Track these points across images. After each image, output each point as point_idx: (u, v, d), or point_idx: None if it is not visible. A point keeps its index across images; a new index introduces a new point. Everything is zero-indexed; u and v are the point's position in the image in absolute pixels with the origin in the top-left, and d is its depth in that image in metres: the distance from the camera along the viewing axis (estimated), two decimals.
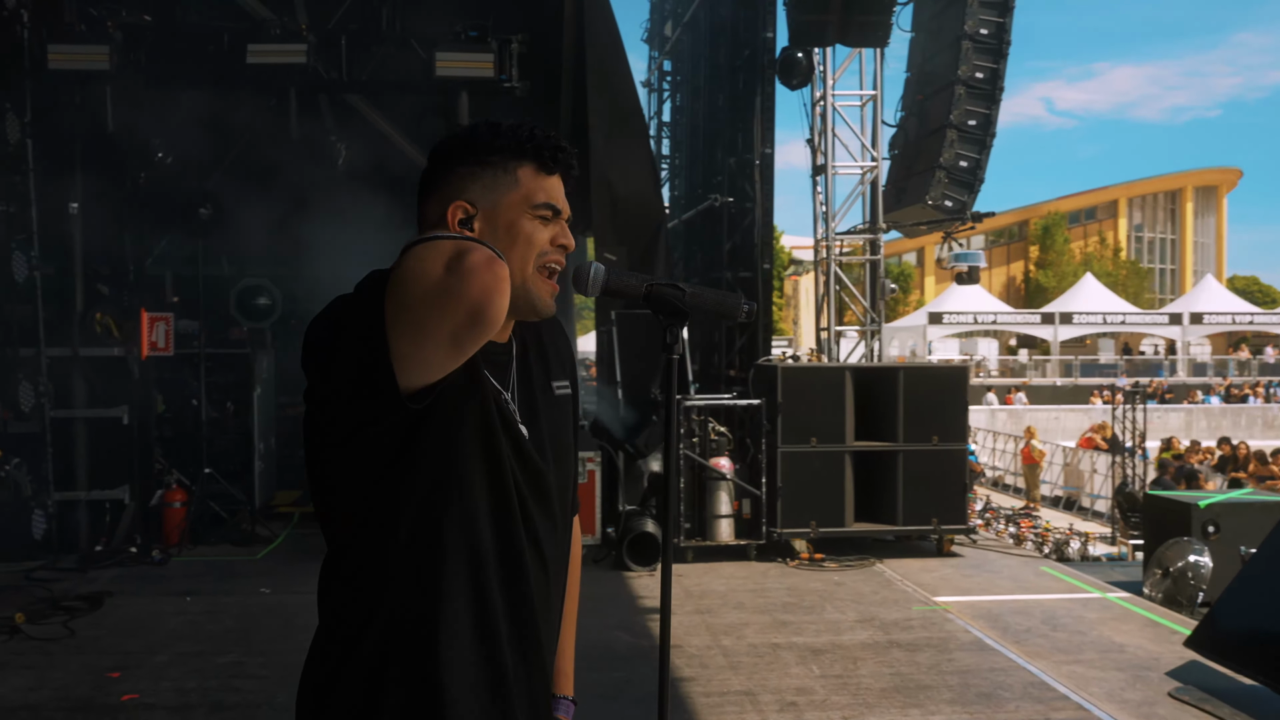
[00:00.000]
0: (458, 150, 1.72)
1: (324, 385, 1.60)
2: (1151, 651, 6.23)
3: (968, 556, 8.88)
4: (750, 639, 6.48)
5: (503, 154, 1.71)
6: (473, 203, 1.70)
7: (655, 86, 18.19)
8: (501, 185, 1.71)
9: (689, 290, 1.84)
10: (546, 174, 1.74)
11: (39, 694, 5.48)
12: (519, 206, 1.71)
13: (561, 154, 1.75)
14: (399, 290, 1.46)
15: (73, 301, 9.03)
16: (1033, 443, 19.36)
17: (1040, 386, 39.24)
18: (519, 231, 1.71)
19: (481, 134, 1.72)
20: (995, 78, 10.11)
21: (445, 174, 1.72)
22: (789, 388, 8.61)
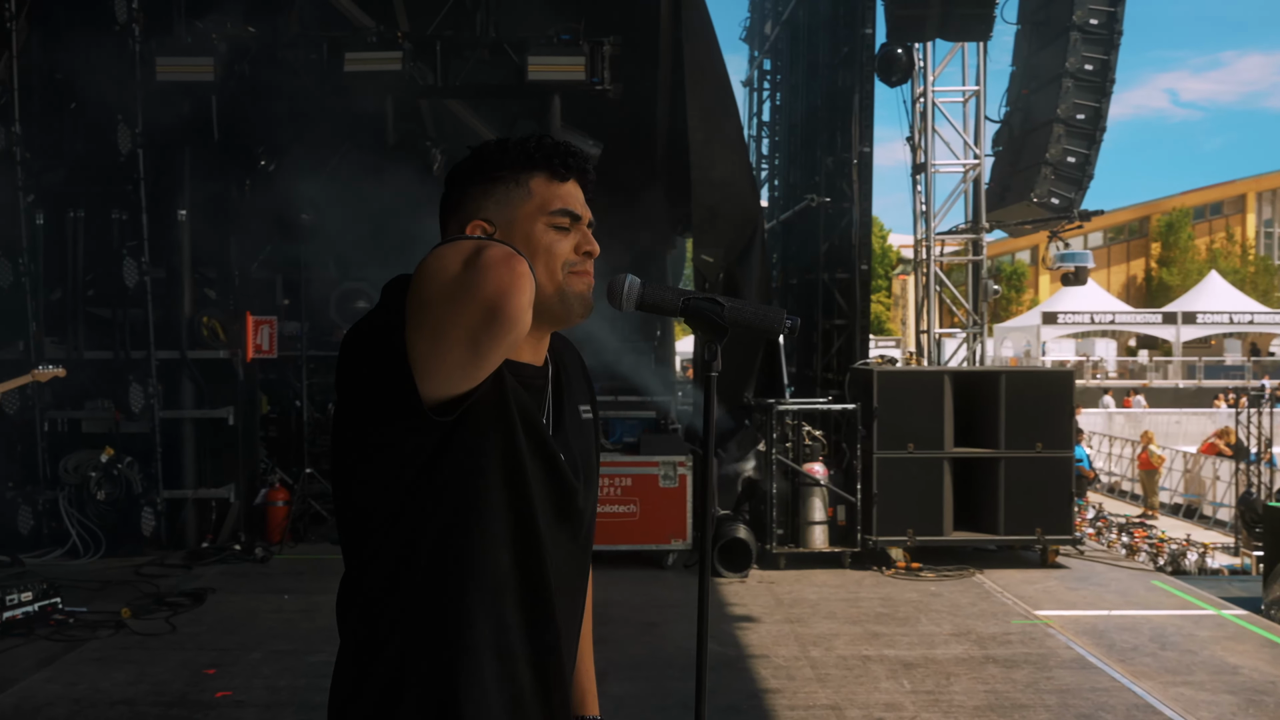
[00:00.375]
0: (469, 170, 1.70)
1: (350, 399, 1.57)
2: (1268, 674, 5.89)
3: (1073, 568, 8.54)
4: (840, 650, 6.33)
5: (512, 167, 1.68)
6: (489, 219, 1.67)
7: (755, 86, 18.04)
8: (515, 198, 1.67)
9: (728, 305, 1.75)
10: (560, 181, 1.70)
11: (137, 688, 5.64)
12: (534, 217, 1.67)
13: (573, 159, 1.70)
14: (418, 288, 1.43)
15: (181, 305, 9.31)
16: (1150, 448, 18.62)
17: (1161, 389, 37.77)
18: (537, 243, 1.66)
19: (490, 151, 1.70)
20: (1105, 69, 9.73)
21: (460, 196, 1.70)
22: (885, 392, 8.41)
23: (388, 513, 1.59)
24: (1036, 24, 10.41)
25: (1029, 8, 10.58)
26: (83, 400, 9.32)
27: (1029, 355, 40.57)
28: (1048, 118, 9.86)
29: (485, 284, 1.37)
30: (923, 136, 10.13)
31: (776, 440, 8.59)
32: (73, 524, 8.84)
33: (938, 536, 8.40)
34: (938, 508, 8.38)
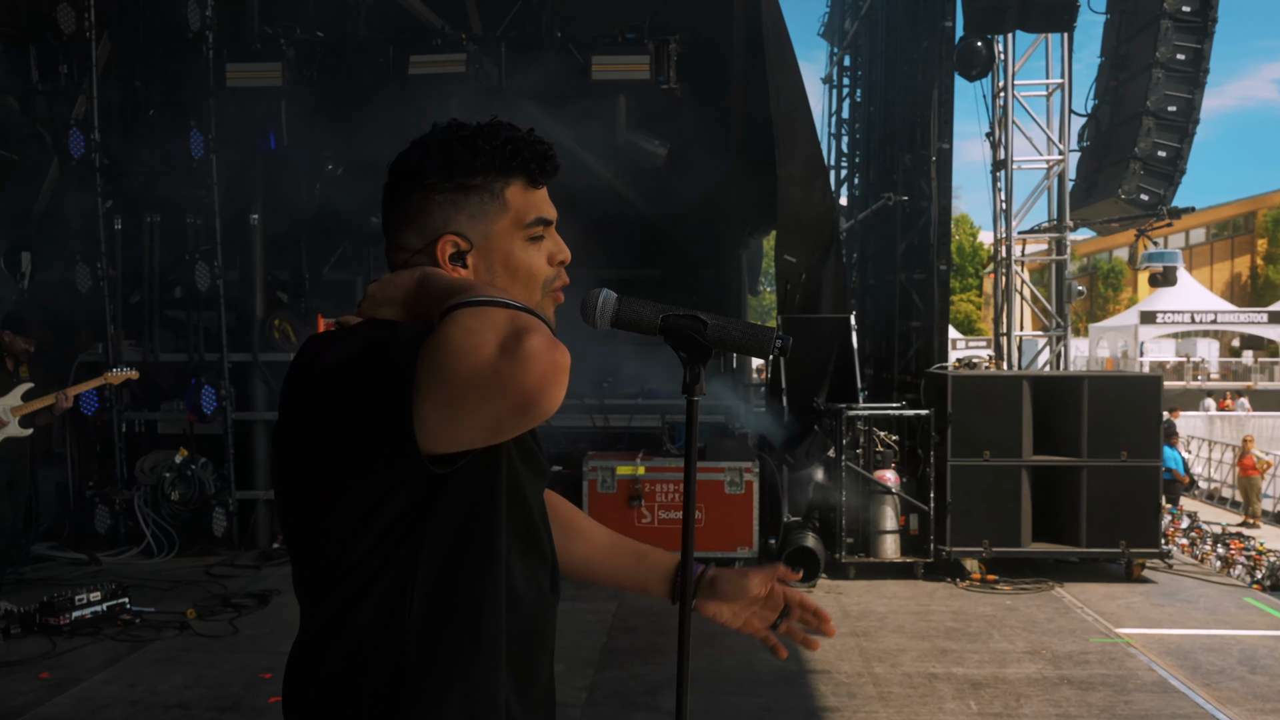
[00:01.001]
0: (434, 172, 1.51)
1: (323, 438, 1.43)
2: None
3: (1160, 583, 8.14)
4: (906, 667, 6.09)
5: (486, 174, 1.51)
6: (463, 235, 1.51)
7: (835, 82, 17.71)
8: (490, 212, 1.52)
9: (711, 323, 1.59)
10: (536, 188, 1.55)
11: (194, 692, 5.66)
12: (512, 233, 1.53)
13: (550, 161, 1.55)
14: (443, 362, 1.26)
15: (253, 308, 9.42)
16: (1254, 452, 17.81)
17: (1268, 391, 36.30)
18: (518, 265, 1.53)
19: (460, 154, 1.51)
20: (1199, 59, 9.27)
21: (422, 200, 1.52)
22: (960, 397, 8.11)
23: (376, 558, 1.44)
24: (1125, 12, 9.97)
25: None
26: (159, 402, 9.49)
27: (1125, 356, 39.33)
28: (1137, 110, 9.43)
29: (525, 378, 1.22)
30: (1003, 132, 9.76)
31: (847, 446, 8.35)
32: (147, 524, 9.00)
33: (1015, 548, 8.07)
34: (1015, 518, 8.05)
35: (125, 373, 7.47)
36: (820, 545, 8.11)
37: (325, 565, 1.49)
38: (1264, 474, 18.14)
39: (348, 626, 1.47)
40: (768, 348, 1.60)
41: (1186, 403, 29.77)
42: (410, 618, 1.43)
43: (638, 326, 1.61)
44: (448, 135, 1.53)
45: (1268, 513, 18.01)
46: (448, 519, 1.43)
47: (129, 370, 7.50)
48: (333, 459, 1.43)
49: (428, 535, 1.43)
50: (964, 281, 52.12)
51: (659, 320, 1.59)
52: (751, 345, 1.60)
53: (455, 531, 1.44)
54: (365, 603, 1.45)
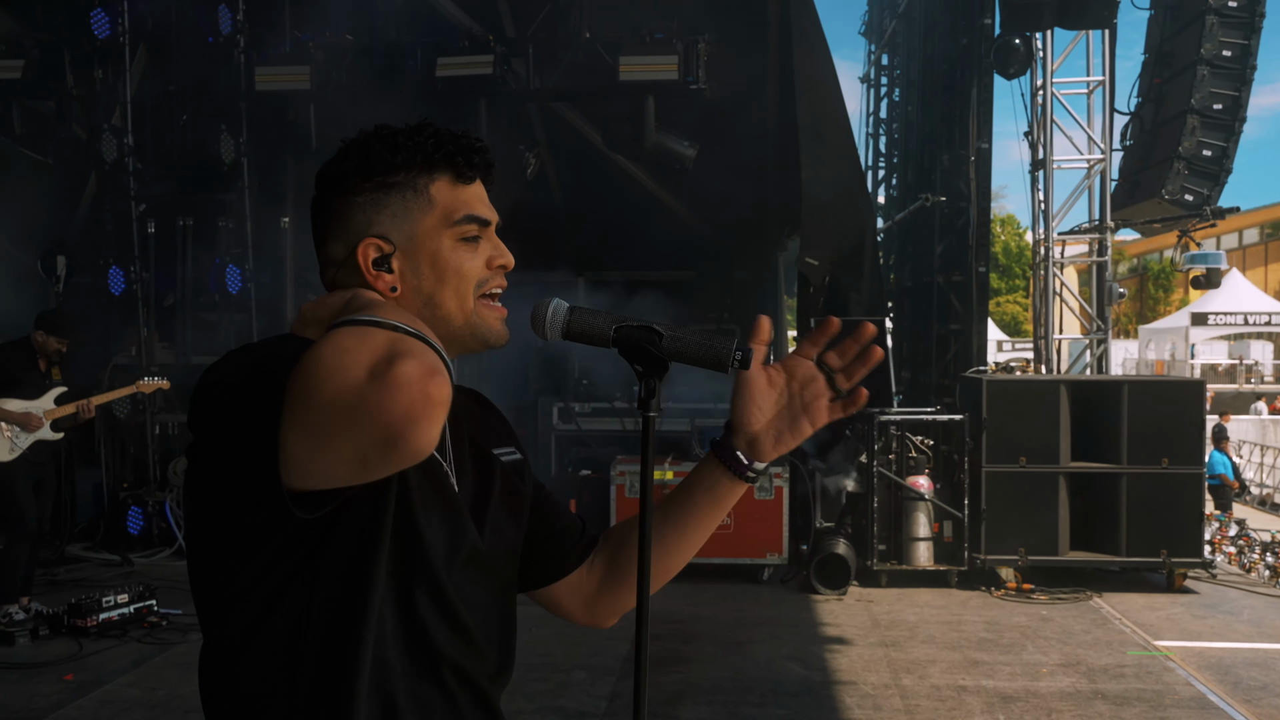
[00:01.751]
0: (352, 174, 1.41)
1: (203, 459, 1.31)
2: None
3: (1203, 594, 7.92)
4: (934, 679, 5.94)
5: (408, 170, 1.40)
6: (385, 236, 1.39)
7: (873, 81, 17.51)
8: (414, 210, 1.40)
9: (667, 334, 1.49)
10: (465, 183, 1.43)
11: None
12: (439, 231, 1.41)
13: (478, 155, 1.43)
14: (305, 382, 1.11)
15: (284, 311, 9.45)
16: None
17: None
18: (445, 264, 1.41)
19: (377, 150, 1.41)
20: (1245, 55, 9.01)
21: (343, 205, 1.42)
22: (995, 402, 7.93)
23: (251, 598, 1.32)
24: (1169, 8, 9.71)
25: None
26: None
27: (1175, 359, 38.59)
28: (1181, 109, 9.18)
29: (392, 407, 1.06)
30: (1042, 131, 9.55)
31: (879, 451, 8.21)
32: (179, 526, 9.05)
33: (1052, 556, 7.88)
34: (1052, 526, 7.87)
35: (157, 382, 7.50)
36: (851, 552, 7.98)
37: (201, 610, 1.39)
38: None
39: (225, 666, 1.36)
40: (726, 360, 1.50)
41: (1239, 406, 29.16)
42: (262, 674, 1.32)
43: (590, 339, 1.51)
44: (367, 137, 1.43)
45: None
46: (314, 576, 1.30)
47: (161, 380, 7.53)
48: (206, 488, 1.32)
49: (292, 591, 1.30)
50: (1010, 283, 51.46)
51: (611, 331, 1.49)
52: (709, 358, 1.50)
53: (320, 590, 1.30)
54: (233, 655, 1.35)
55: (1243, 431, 23.84)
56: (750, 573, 8.20)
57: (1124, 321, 54.47)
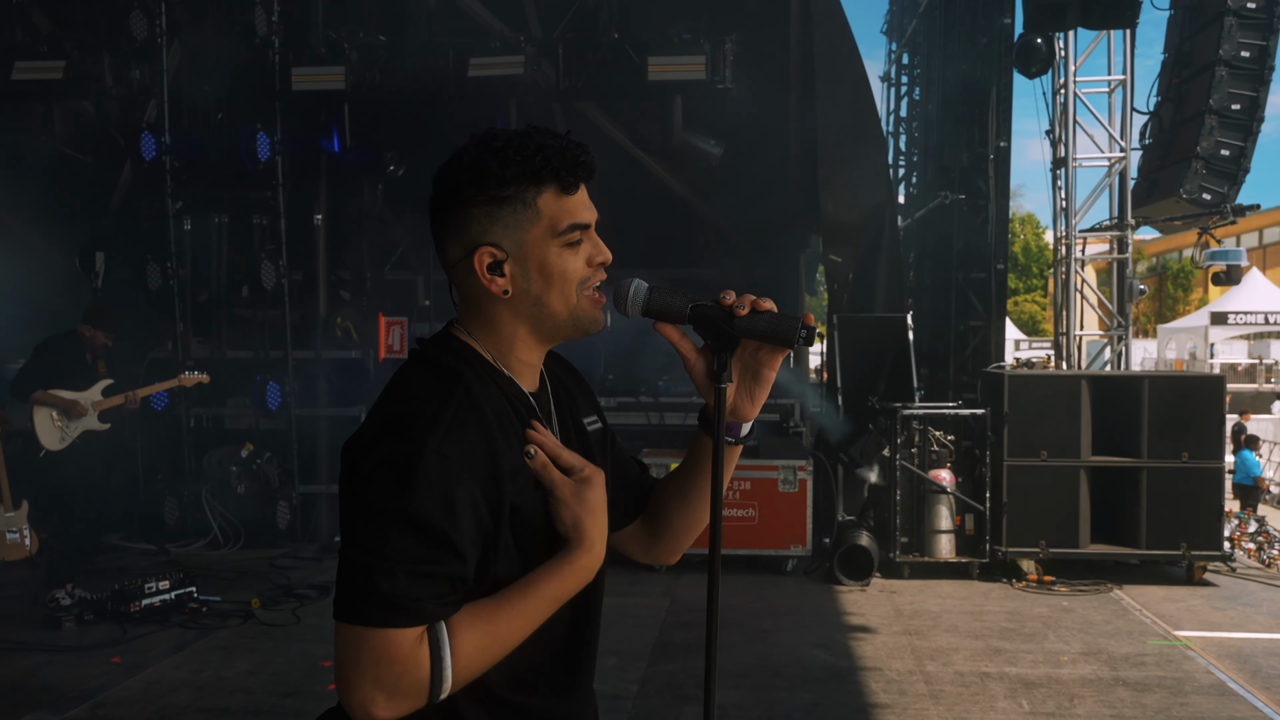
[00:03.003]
0: (467, 186, 1.56)
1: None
2: None
3: (1222, 586, 8.02)
4: (958, 666, 6.08)
5: (518, 184, 1.55)
6: (498, 245, 1.56)
7: (894, 80, 17.62)
8: (524, 221, 1.56)
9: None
10: (569, 193, 1.59)
11: (257, 678, 5.83)
12: (546, 240, 1.57)
13: (580, 167, 1.58)
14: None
15: (316, 307, 9.63)
16: None
17: None
18: (552, 269, 1.58)
19: (490, 167, 1.55)
20: (1264, 56, 9.09)
21: (460, 213, 1.58)
22: (1017, 397, 8.06)
23: None
24: (1189, 8, 9.81)
25: None
26: (225, 398, 9.73)
27: (1194, 358, 38.46)
28: (1200, 108, 9.27)
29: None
30: (1063, 130, 9.66)
31: (902, 445, 8.33)
32: (214, 516, 9.24)
33: (1073, 549, 8.00)
34: (1073, 519, 7.98)
35: (197, 376, 7.68)
36: (874, 544, 8.11)
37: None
38: None
39: None
40: (793, 337, 1.64)
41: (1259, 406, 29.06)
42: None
43: (667, 315, 1.66)
44: (479, 149, 1.57)
45: None
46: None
47: (201, 374, 7.70)
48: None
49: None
50: (1028, 282, 51.33)
51: (688, 309, 1.64)
52: (777, 334, 1.65)
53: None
54: None
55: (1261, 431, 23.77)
56: (775, 564, 8.34)
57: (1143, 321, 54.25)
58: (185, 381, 7.67)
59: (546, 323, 1.61)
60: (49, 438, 7.20)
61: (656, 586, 7.86)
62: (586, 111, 9.01)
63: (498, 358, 1.61)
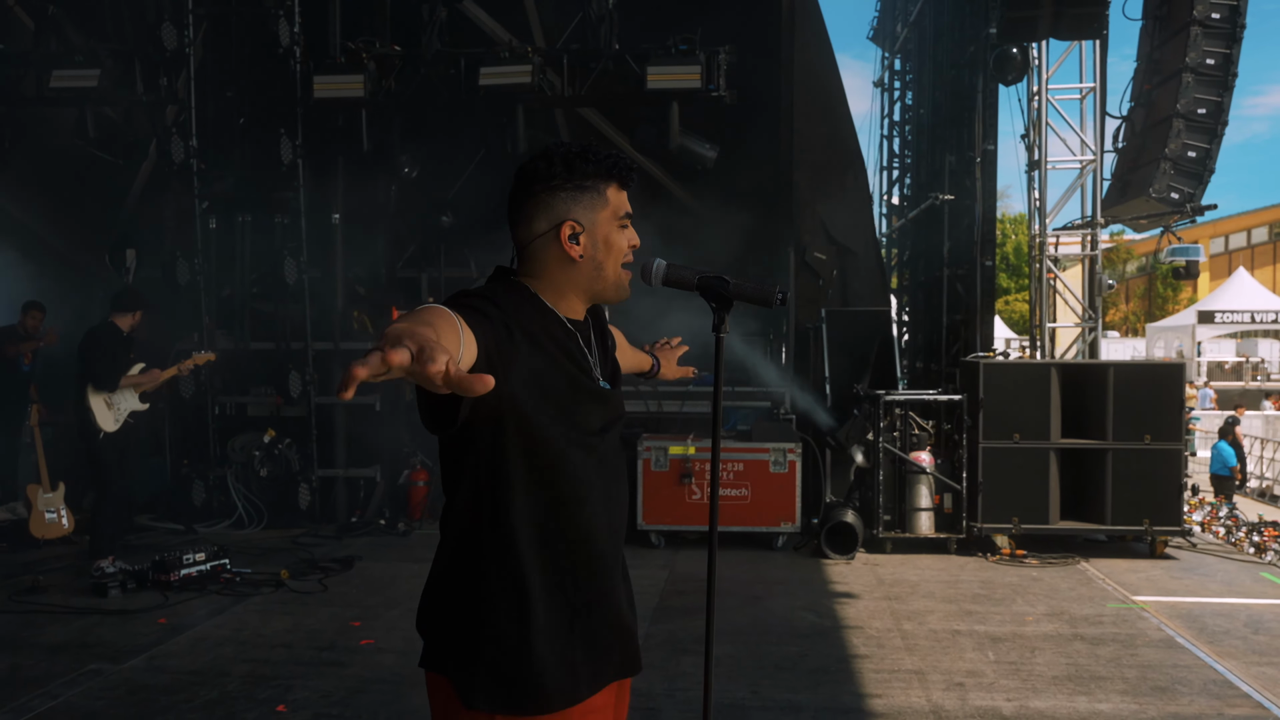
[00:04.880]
0: (559, 175, 2.11)
1: None
2: None
3: (1182, 559, 8.62)
4: (932, 625, 6.66)
5: (595, 178, 2.13)
6: (579, 221, 2.12)
7: (886, 85, 18.19)
8: (597, 205, 2.13)
9: (733, 281, 2.24)
10: (625, 189, 2.18)
11: (294, 635, 6.40)
12: (610, 221, 2.15)
13: (634, 172, 2.18)
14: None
15: (334, 301, 10.19)
16: None
17: None
18: (611, 244, 2.16)
19: (578, 163, 2.11)
20: (1228, 63, 9.67)
21: (548, 196, 2.12)
22: (992, 383, 8.64)
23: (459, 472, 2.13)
24: (1159, 18, 10.39)
25: (1152, 2, 10.58)
26: (249, 386, 10.29)
27: (1182, 356, 39.07)
28: (1168, 113, 9.86)
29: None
30: (1037, 134, 10.26)
31: (885, 429, 8.91)
32: (239, 498, 9.81)
33: (1043, 525, 8.59)
34: (1043, 497, 8.57)
35: (205, 354, 8.21)
36: (859, 521, 8.69)
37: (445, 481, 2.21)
38: None
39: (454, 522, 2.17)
40: (772, 299, 2.24)
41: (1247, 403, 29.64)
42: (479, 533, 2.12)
43: (681, 284, 2.26)
44: (566, 149, 2.14)
45: None
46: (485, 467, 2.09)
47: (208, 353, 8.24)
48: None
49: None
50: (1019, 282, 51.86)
51: (696, 280, 2.24)
52: (760, 297, 2.24)
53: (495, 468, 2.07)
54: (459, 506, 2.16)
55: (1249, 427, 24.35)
56: (766, 540, 8.92)
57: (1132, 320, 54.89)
58: (195, 360, 8.20)
59: (598, 283, 2.17)
60: (106, 421, 7.71)
61: (656, 560, 8.43)
62: (589, 117, 9.59)
63: (551, 303, 2.17)
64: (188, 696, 5.31)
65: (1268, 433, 24.52)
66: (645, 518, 8.86)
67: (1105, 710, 5.15)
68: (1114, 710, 5.15)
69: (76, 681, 5.51)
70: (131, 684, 5.50)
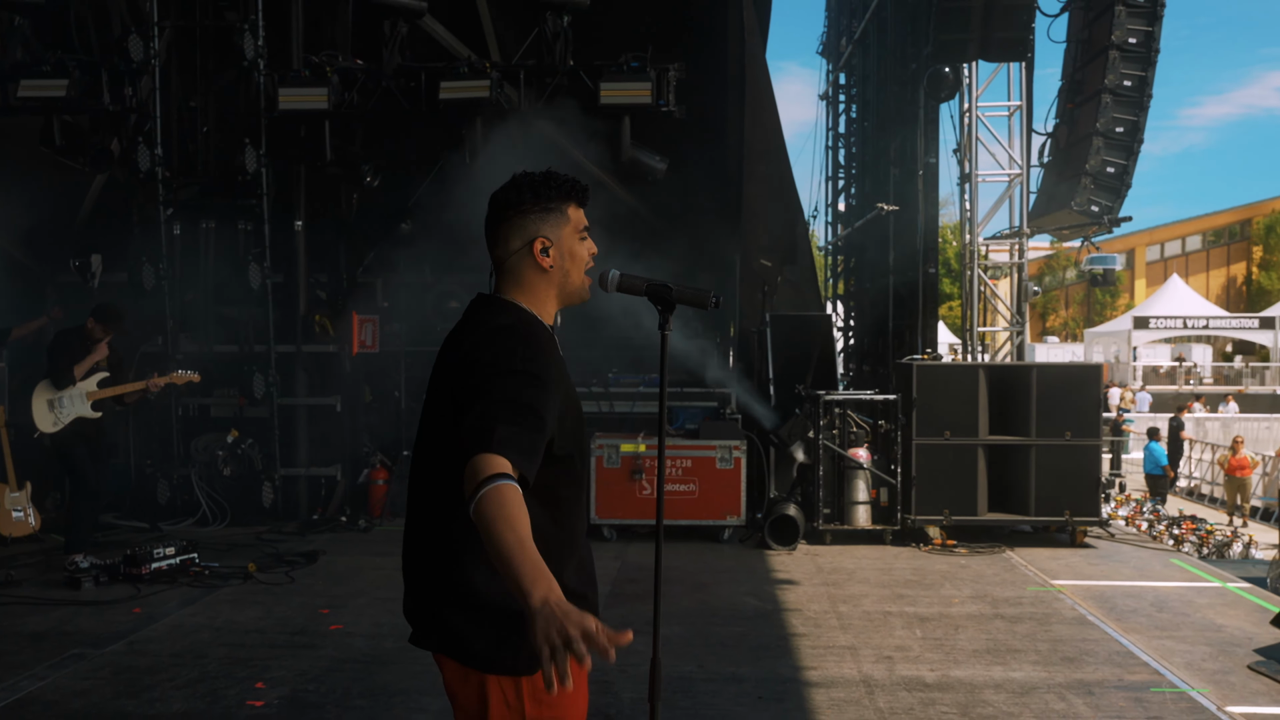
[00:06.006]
0: (527, 199, 2.52)
1: None
2: (1249, 632, 6.56)
3: (1100, 548, 9.22)
4: (865, 607, 7.17)
5: (558, 199, 2.53)
6: (547, 236, 2.53)
7: (831, 98, 18.83)
8: (561, 222, 2.54)
9: (675, 287, 2.68)
10: (582, 207, 2.60)
11: (266, 622, 6.76)
12: (572, 235, 2.56)
13: (587, 193, 2.61)
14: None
15: (297, 305, 10.52)
16: (1243, 451, 18.42)
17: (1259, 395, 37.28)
18: (574, 254, 2.57)
19: (543, 189, 2.52)
20: (1143, 85, 10.36)
21: (519, 218, 2.52)
22: (924, 384, 9.20)
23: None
24: (1081, 42, 11.07)
25: (1075, 27, 11.25)
26: (212, 388, 10.57)
27: (1118, 361, 40.33)
28: (1089, 131, 10.52)
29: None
30: (968, 149, 10.87)
31: (825, 428, 9.43)
32: (203, 496, 10.10)
33: (972, 516, 9.16)
34: (972, 490, 9.14)
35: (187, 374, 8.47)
36: (800, 514, 9.19)
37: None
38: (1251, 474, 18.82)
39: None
40: (706, 302, 2.69)
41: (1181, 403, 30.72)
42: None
43: (633, 290, 2.70)
44: (532, 178, 2.55)
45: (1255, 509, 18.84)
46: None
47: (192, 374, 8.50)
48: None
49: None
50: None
51: (644, 286, 2.68)
52: (697, 301, 2.69)
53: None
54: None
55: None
56: (713, 533, 9.40)
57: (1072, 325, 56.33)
58: (176, 379, 8.47)
59: (567, 288, 2.57)
60: (43, 421, 7.99)
61: (609, 552, 8.87)
62: (544, 130, 9.99)
63: (535, 312, 2.57)
64: (170, 676, 5.66)
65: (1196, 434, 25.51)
66: (599, 512, 9.29)
67: (1018, 678, 5.68)
68: (1025, 677, 5.68)
69: (62, 664, 5.84)
70: (115, 666, 5.84)
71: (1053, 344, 47.29)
